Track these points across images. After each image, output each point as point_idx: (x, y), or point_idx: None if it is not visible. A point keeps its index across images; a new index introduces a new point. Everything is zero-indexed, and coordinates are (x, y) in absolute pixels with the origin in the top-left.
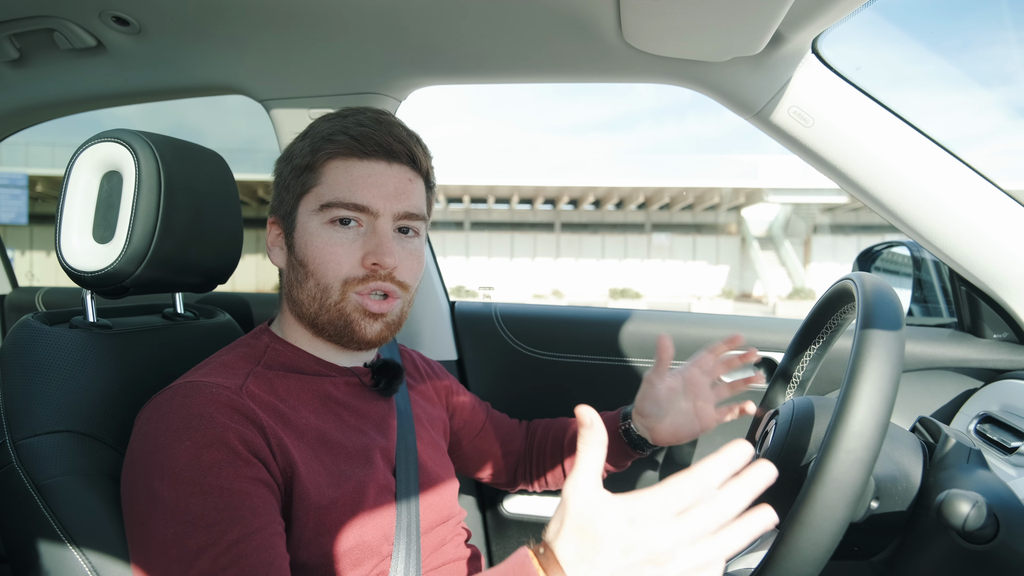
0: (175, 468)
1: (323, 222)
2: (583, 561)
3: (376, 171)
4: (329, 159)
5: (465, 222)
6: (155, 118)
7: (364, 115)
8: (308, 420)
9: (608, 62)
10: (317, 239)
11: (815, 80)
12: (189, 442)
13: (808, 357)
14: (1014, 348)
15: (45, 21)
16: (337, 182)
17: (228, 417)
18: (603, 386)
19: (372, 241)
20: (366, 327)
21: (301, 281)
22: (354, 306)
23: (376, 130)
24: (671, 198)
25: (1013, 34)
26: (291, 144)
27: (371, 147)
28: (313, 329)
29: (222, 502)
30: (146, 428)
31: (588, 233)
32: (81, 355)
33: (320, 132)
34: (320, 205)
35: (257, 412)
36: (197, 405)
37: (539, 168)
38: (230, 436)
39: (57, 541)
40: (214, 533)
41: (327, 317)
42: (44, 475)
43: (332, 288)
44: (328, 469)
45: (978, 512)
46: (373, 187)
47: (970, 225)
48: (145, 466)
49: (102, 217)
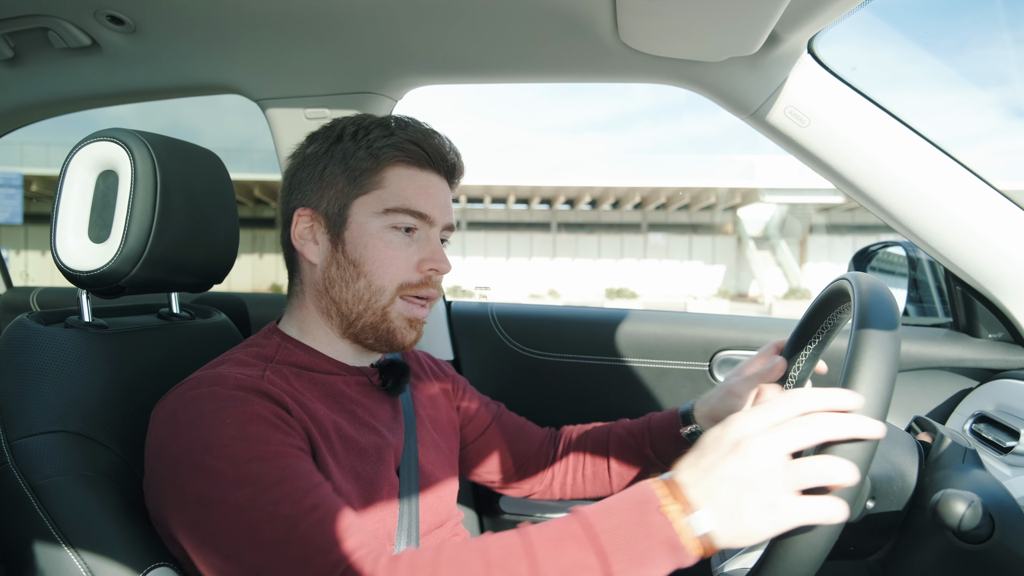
0: (223, 442)
1: (385, 225)
2: (692, 468)
3: (433, 182)
4: (394, 165)
5: (461, 222)
6: (150, 118)
7: (419, 127)
8: (324, 413)
9: (604, 62)
10: (379, 241)
11: (811, 80)
12: (230, 419)
13: (804, 357)
14: (1009, 348)
15: (39, 20)
16: (403, 189)
17: (259, 397)
18: (600, 386)
19: (428, 248)
20: (406, 335)
21: (349, 280)
22: (399, 312)
23: (439, 145)
24: (667, 198)
25: (1008, 35)
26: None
27: (437, 160)
28: (346, 328)
29: (280, 463)
30: (176, 415)
31: (584, 233)
32: (76, 355)
33: (381, 138)
34: (384, 209)
35: (283, 396)
36: (226, 390)
37: (535, 168)
38: (267, 412)
39: (52, 542)
40: (285, 488)
41: (370, 319)
42: (39, 475)
43: (385, 291)
44: (341, 463)
45: (974, 512)
46: (432, 198)
47: (966, 225)
48: (188, 448)
49: (98, 216)
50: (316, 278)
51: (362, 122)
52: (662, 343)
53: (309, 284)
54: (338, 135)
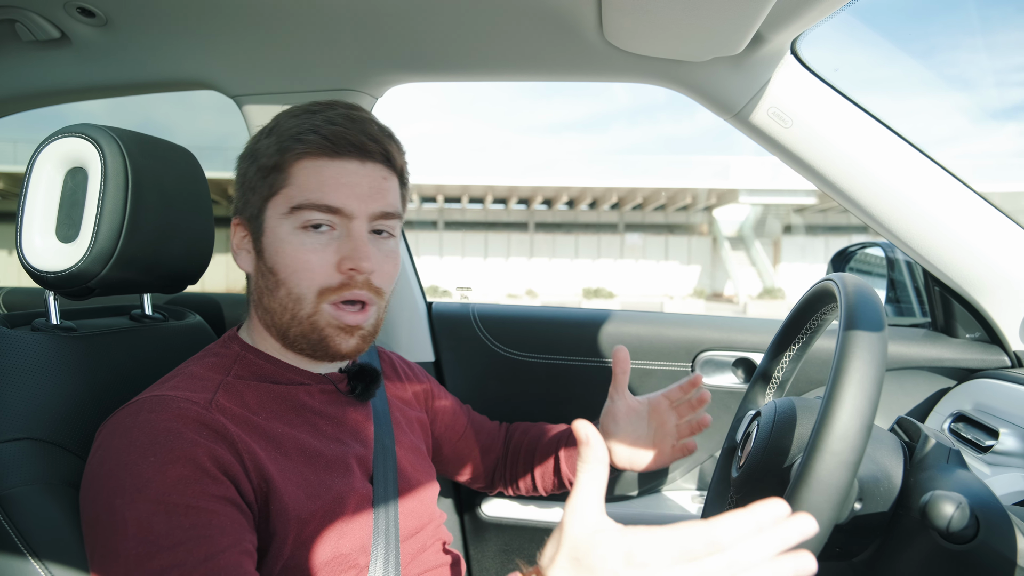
0: (138, 486)
1: (294, 226)
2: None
3: (349, 171)
4: (298, 159)
5: (439, 221)
6: (121, 114)
7: (335, 111)
8: (283, 431)
9: (589, 61)
10: (288, 245)
11: (794, 81)
12: (154, 458)
13: (788, 358)
14: (986, 347)
15: (7, 11)
16: (308, 183)
17: (197, 433)
18: (581, 387)
19: (347, 245)
20: (341, 342)
21: (272, 289)
22: (327, 320)
23: (348, 127)
24: (644, 198)
25: (978, 39)
26: (254, 140)
27: (344, 146)
28: (282, 338)
29: (188, 521)
30: (108, 444)
31: (561, 233)
32: (43, 359)
33: (288, 130)
34: (290, 208)
35: (228, 427)
36: (163, 420)
37: (513, 168)
38: (199, 453)
39: (17, 553)
40: (180, 553)
41: (299, 330)
42: (3, 485)
43: (305, 299)
44: (306, 480)
45: (962, 513)
46: (346, 187)
47: (944, 227)
48: (106, 484)
49: (66, 215)
50: (252, 288)
51: (285, 113)
52: (645, 344)
53: (252, 295)
54: (267, 131)
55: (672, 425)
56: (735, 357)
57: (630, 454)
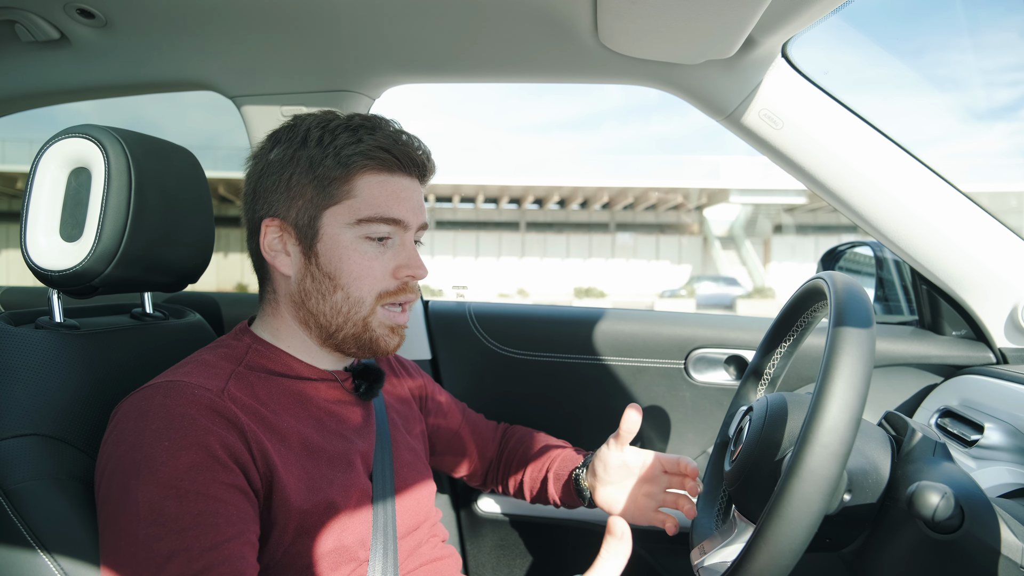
0: (152, 468)
1: (358, 236)
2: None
3: (405, 185)
4: (364, 172)
5: (430, 221)
6: (110, 113)
7: (391, 128)
8: (289, 424)
9: (583, 63)
10: (354, 252)
11: (785, 84)
12: (168, 443)
13: (779, 354)
14: (972, 345)
15: (6, 12)
16: (374, 197)
17: (210, 420)
18: (577, 385)
19: (403, 254)
20: (389, 342)
21: (325, 293)
22: (380, 321)
23: (408, 146)
24: (635, 198)
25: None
26: (292, 148)
27: (407, 163)
28: (326, 339)
29: (197, 507)
30: (123, 425)
31: (553, 232)
32: (48, 356)
33: (349, 144)
34: (357, 219)
35: (239, 416)
36: (178, 406)
37: (504, 167)
38: (211, 440)
39: (27, 547)
40: (187, 539)
41: (352, 331)
42: (12, 480)
43: (365, 302)
44: (309, 474)
45: (947, 503)
46: (405, 201)
47: (932, 226)
48: (121, 464)
49: (69, 215)
50: (291, 290)
51: (327, 124)
52: (638, 342)
53: (284, 295)
54: (302, 139)
55: (660, 491)
56: (727, 354)
57: (611, 502)
